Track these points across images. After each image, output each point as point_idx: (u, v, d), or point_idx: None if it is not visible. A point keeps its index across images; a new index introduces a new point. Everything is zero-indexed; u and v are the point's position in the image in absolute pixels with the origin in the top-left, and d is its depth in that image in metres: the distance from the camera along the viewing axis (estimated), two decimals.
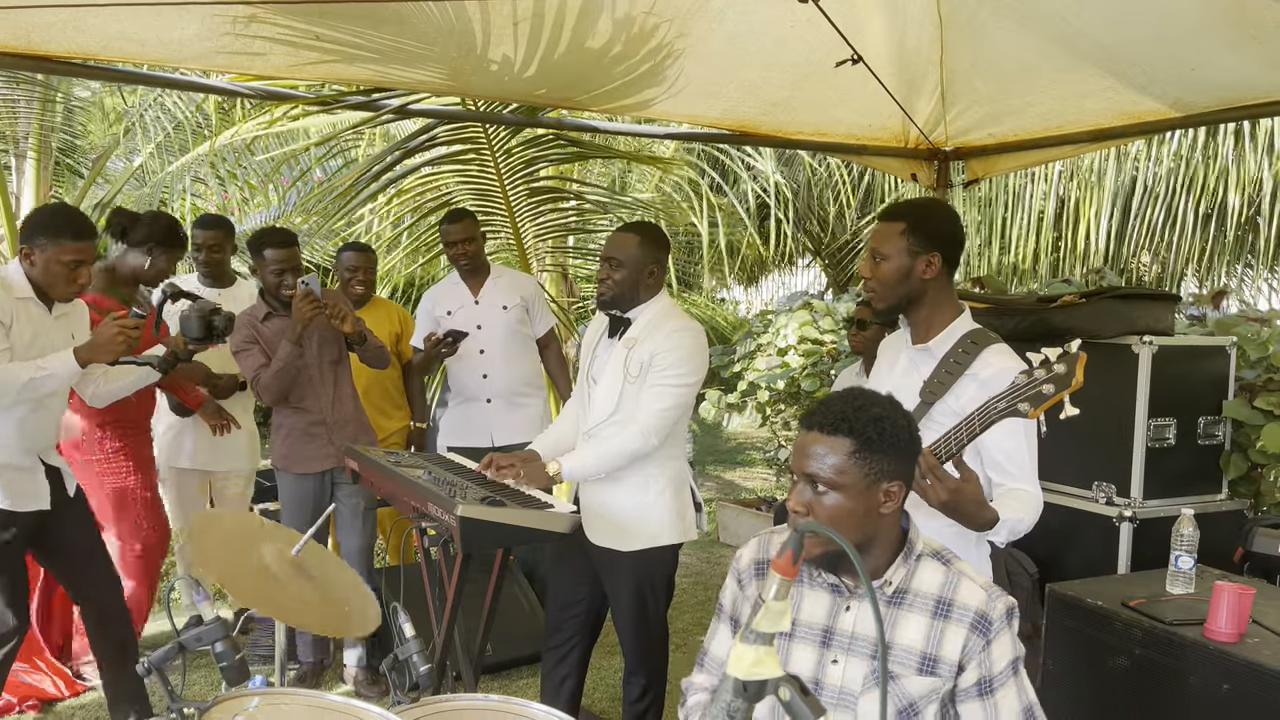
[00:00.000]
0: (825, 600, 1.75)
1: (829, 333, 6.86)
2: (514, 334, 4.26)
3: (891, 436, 1.63)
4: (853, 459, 1.60)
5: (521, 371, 4.29)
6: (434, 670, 2.15)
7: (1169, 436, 3.62)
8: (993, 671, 1.66)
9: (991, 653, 1.65)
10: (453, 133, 5.41)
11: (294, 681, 3.82)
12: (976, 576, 1.72)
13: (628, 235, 2.89)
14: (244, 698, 1.81)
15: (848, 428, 1.61)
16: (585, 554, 2.91)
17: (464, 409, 4.30)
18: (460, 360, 4.25)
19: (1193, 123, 3.52)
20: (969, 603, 1.67)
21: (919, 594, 1.70)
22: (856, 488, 1.61)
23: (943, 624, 1.67)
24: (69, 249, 2.89)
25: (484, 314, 4.24)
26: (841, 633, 1.72)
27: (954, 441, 1.97)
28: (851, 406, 1.64)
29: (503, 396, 4.23)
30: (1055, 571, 3.60)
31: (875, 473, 1.62)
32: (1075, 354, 1.86)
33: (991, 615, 1.66)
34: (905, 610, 1.70)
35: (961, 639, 1.65)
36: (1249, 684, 2.27)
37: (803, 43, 3.30)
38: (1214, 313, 5.15)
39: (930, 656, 1.67)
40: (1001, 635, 1.66)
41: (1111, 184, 8.19)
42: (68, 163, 8.90)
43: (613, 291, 2.86)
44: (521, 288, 4.39)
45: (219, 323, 3.31)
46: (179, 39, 3.03)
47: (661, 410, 2.77)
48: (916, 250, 2.21)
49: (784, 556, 1.21)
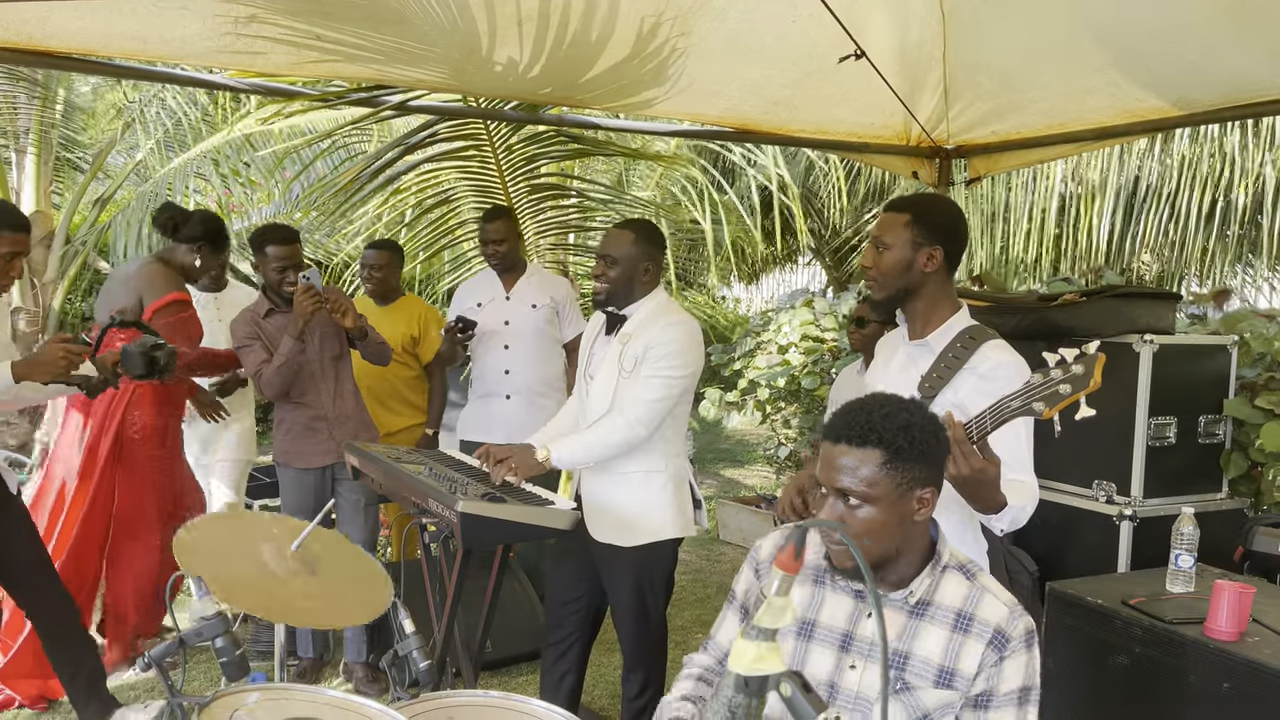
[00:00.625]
0: (848, 605, 1.74)
1: (830, 330, 6.86)
2: (541, 333, 4.25)
3: (921, 443, 1.60)
4: (884, 470, 1.57)
5: (543, 372, 4.27)
6: (434, 667, 2.15)
7: (1169, 435, 3.62)
8: (998, 690, 1.63)
9: (1003, 670, 1.63)
10: (454, 129, 5.40)
11: (293, 678, 3.82)
12: (1001, 593, 1.70)
13: (622, 233, 2.89)
14: (243, 693, 1.81)
15: (877, 438, 1.58)
16: (586, 550, 2.92)
17: (483, 404, 4.28)
18: (485, 354, 4.25)
19: (1196, 121, 3.51)
20: (989, 618, 1.65)
21: (941, 606, 1.68)
22: (889, 499, 1.58)
23: (962, 638, 1.65)
24: (6, 240, 2.92)
25: (513, 310, 4.23)
26: (861, 639, 1.71)
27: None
28: (878, 415, 1.60)
29: (523, 395, 4.21)
30: (1055, 570, 3.61)
31: (908, 481, 1.59)
32: (1094, 355, 1.85)
33: (1010, 633, 1.64)
34: (926, 622, 1.68)
35: (979, 654, 1.64)
36: (1249, 683, 2.27)
37: (805, 40, 3.29)
38: (1215, 312, 5.15)
39: (948, 670, 1.65)
40: (1016, 655, 1.64)
41: (1114, 181, 8.19)
42: (68, 158, 8.89)
43: (608, 289, 2.86)
44: (553, 289, 4.37)
45: (161, 358, 3.30)
46: (180, 37, 3.03)
47: (650, 401, 2.77)
48: (919, 242, 2.22)
49: (786, 552, 1.21)
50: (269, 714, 1.77)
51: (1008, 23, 3.22)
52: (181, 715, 1.72)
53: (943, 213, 2.29)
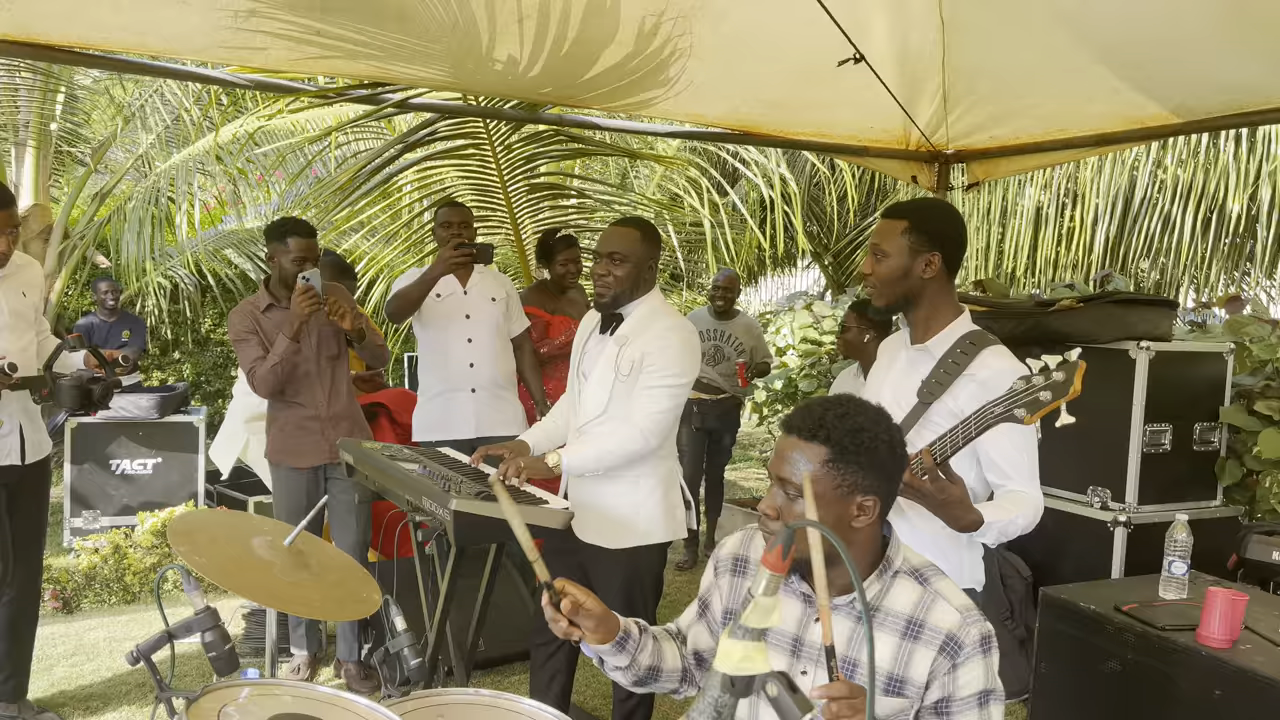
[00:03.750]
0: (796, 609, 1.71)
1: (829, 334, 6.86)
2: (499, 328, 4.22)
3: (869, 449, 1.57)
4: (826, 468, 1.55)
5: (504, 366, 4.26)
6: (425, 664, 2.14)
7: (1165, 442, 3.62)
8: (955, 695, 1.59)
9: (958, 677, 1.59)
10: (453, 128, 5.40)
11: (285, 675, 3.81)
12: (954, 598, 1.64)
13: (629, 230, 2.83)
14: (234, 688, 1.80)
15: (825, 435, 1.56)
16: (573, 550, 2.90)
17: (443, 400, 4.17)
18: (446, 348, 4.15)
19: (1195, 128, 3.51)
20: (940, 625, 1.60)
21: (890, 613, 1.64)
22: (828, 497, 1.55)
23: (912, 645, 1.61)
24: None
25: (473, 304, 4.18)
26: (810, 644, 1.68)
27: (949, 444, 1.97)
28: (833, 414, 1.58)
29: (486, 388, 4.18)
30: (1049, 575, 3.61)
31: (849, 484, 1.56)
32: (1075, 363, 1.85)
33: (963, 640, 1.59)
34: (875, 629, 1.64)
35: (929, 661, 1.59)
36: (1241, 690, 2.27)
37: (805, 43, 3.29)
38: (1218, 316, 5.14)
39: (897, 678, 1.61)
40: (971, 661, 1.59)
41: (1109, 188, 8.20)
42: (69, 152, 8.89)
43: (614, 290, 2.80)
44: (504, 285, 4.37)
45: (97, 392, 3.32)
46: (179, 32, 3.03)
47: (659, 413, 2.76)
48: (917, 249, 2.22)
49: (773, 552, 1.20)
50: (259, 709, 1.77)
51: (1007, 30, 3.22)
52: (170, 710, 1.71)
53: (940, 218, 2.28)
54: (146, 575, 4.97)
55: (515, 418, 4.25)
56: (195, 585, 1.87)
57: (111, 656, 4.13)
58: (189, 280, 9.35)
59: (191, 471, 6.00)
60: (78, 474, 5.84)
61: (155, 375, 9.48)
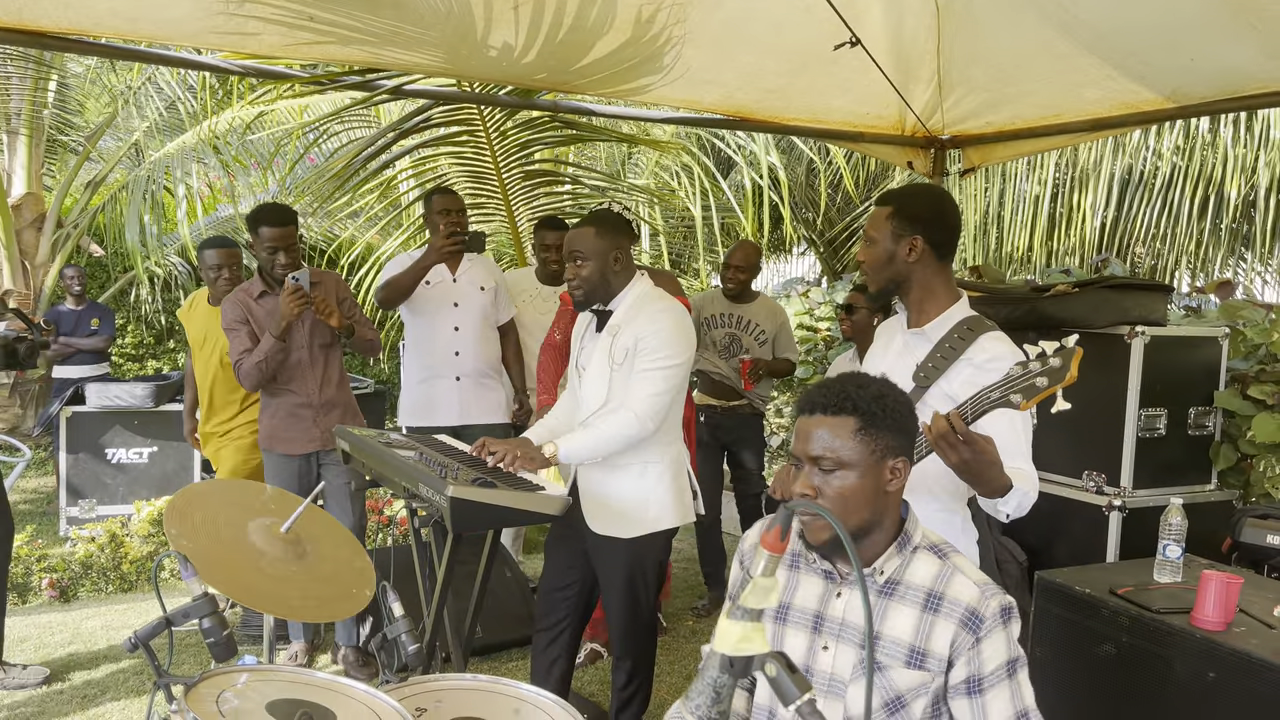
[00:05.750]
0: (819, 586, 1.74)
1: (824, 321, 6.85)
2: (486, 316, 4.23)
3: (894, 413, 1.64)
4: (858, 436, 1.61)
5: (490, 354, 4.26)
6: (423, 650, 2.14)
7: (1160, 427, 3.63)
8: (983, 670, 1.62)
9: (982, 651, 1.62)
10: (448, 114, 5.38)
11: (283, 661, 3.82)
12: (972, 572, 1.68)
13: (584, 229, 2.84)
14: (232, 674, 1.81)
15: (851, 406, 1.62)
16: (579, 538, 2.91)
17: (428, 387, 4.18)
18: (431, 335, 4.15)
19: (1190, 113, 3.51)
20: (960, 598, 1.64)
21: (911, 586, 1.68)
22: (864, 464, 1.61)
23: (932, 618, 1.64)
24: None
25: (461, 292, 4.18)
26: (832, 619, 1.71)
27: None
28: (852, 385, 1.65)
29: (471, 376, 4.19)
30: (1044, 559, 3.62)
31: (881, 449, 1.62)
32: (1071, 349, 1.85)
33: (983, 612, 1.62)
34: (896, 601, 1.68)
35: (950, 634, 1.62)
36: (1235, 672, 2.28)
37: (800, 29, 3.29)
38: (1212, 301, 5.15)
39: (919, 650, 1.64)
40: (994, 634, 1.62)
41: (1106, 173, 8.19)
42: (61, 141, 8.84)
43: (584, 288, 2.82)
44: (494, 273, 4.37)
45: (22, 351, 3.32)
46: (171, 17, 3.01)
47: (654, 395, 2.76)
48: (899, 233, 2.23)
49: (771, 532, 1.21)
50: (257, 695, 1.77)
51: (1002, 16, 3.21)
52: (169, 696, 1.72)
53: (921, 203, 2.28)
54: (143, 564, 4.97)
55: (500, 405, 4.26)
56: (193, 571, 1.87)
57: (109, 645, 4.14)
58: (182, 268, 9.32)
59: (187, 460, 6.00)
60: (73, 463, 5.84)
61: (150, 364, 9.46)
